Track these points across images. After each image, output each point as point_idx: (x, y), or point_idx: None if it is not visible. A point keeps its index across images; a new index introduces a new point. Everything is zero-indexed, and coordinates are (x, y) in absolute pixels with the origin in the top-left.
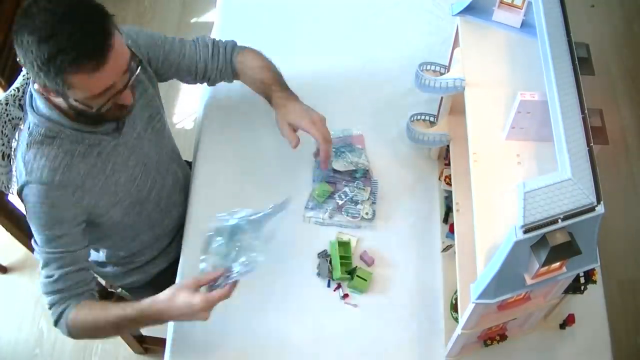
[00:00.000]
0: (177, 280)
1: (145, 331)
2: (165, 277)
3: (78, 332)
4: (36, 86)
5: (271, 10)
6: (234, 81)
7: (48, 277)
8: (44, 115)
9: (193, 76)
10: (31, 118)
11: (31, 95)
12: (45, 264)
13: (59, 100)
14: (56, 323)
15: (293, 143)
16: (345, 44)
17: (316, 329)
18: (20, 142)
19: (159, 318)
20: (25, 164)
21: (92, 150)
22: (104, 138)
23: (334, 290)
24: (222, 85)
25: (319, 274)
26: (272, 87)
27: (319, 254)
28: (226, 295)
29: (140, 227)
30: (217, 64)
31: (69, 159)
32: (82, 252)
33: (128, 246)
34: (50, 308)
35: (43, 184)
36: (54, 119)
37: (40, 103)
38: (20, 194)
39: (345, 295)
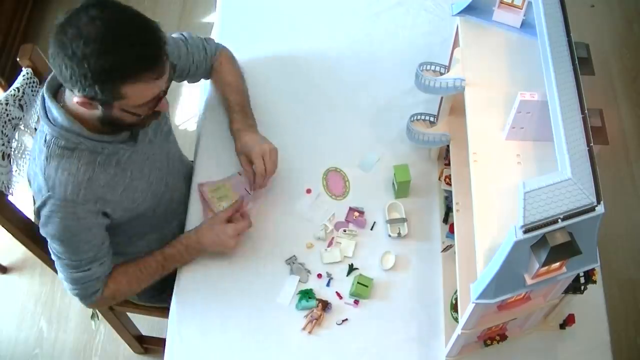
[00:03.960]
0: (177, 277)
1: (145, 331)
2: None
3: (111, 301)
4: (76, 99)
5: (270, 11)
6: None
7: (83, 271)
8: (62, 127)
9: (181, 77)
10: (47, 129)
11: (45, 106)
12: (74, 267)
13: (87, 111)
14: (80, 298)
15: (249, 176)
16: (345, 44)
17: (316, 328)
18: (37, 156)
19: (194, 250)
20: (46, 179)
21: (111, 159)
22: (121, 147)
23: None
24: None
25: (300, 281)
26: (234, 114)
27: (286, 260)
28: (248, 224)
29: (150, 229)
30: (204, 68)
31: (91, 172)
32: (108, 243)
33: (135, 244)
34: (73, 290)
35: (67, 200)
36: (73, 130)
37: (57, 114)
38: (40, 209)
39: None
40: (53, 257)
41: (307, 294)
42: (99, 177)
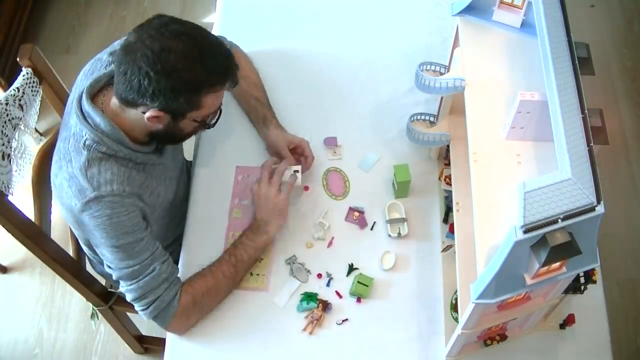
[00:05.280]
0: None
1: (145, 331)
2: None
3: (193, 309)
4: (148, 113)
5: (270, 11)
6: None
7: (148, 274)
8: (104, 133)
9: None
10: (88, 134)
11: (82, 110)
12: (138, 274)
13: (130, 121)
14: (159, 314)
15: (302, 165)
16: (344, 44)
17: (316, 328)
18: (72, 158)
19: (258, 230)
20: (89, 179)
21: (141, 167)
22: (151, 157)
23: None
24: None
25: (300, 281)
26: (268, 112)
27: (286, 260)
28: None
29: (157, 235)
30: None
31: (129, 172)
32: (161, 245)
33: None
34: (150, 305)
35: (116, 195)
36: (115, 138)
37: (100, 120)
38: (83, 210)
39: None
40: (117, 279)
41: (309, 297)
42: (135, 177)
